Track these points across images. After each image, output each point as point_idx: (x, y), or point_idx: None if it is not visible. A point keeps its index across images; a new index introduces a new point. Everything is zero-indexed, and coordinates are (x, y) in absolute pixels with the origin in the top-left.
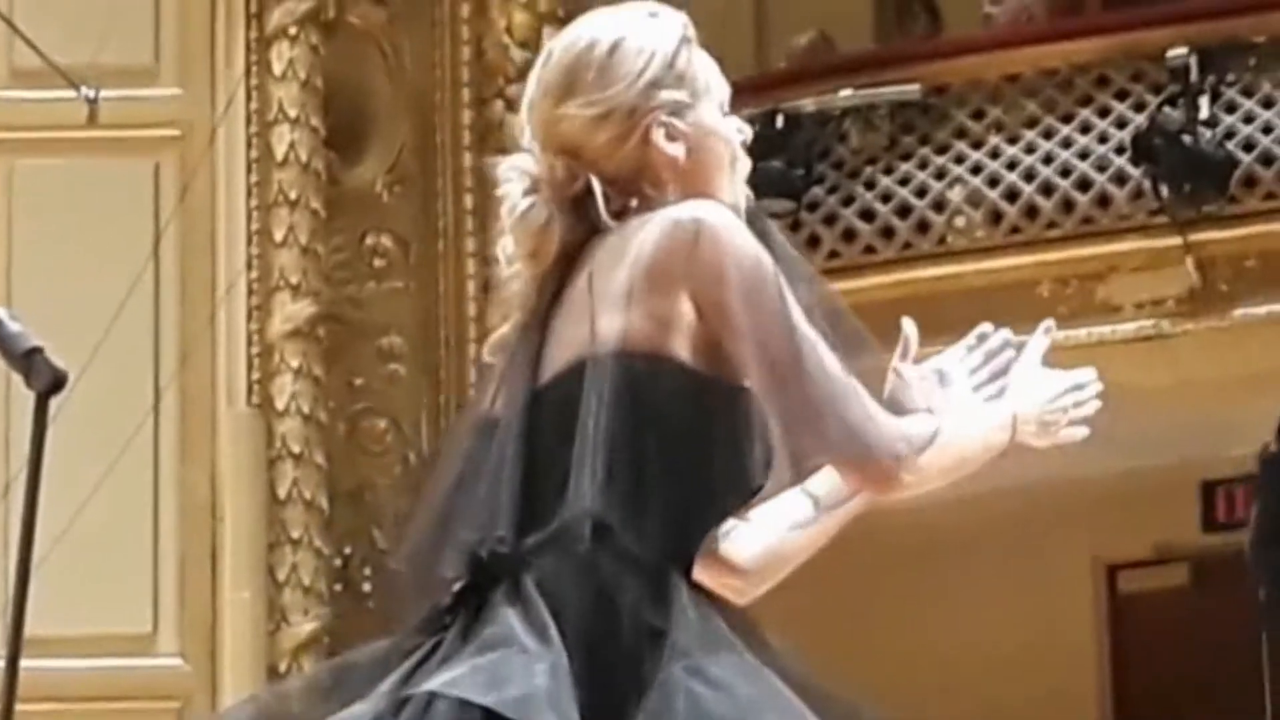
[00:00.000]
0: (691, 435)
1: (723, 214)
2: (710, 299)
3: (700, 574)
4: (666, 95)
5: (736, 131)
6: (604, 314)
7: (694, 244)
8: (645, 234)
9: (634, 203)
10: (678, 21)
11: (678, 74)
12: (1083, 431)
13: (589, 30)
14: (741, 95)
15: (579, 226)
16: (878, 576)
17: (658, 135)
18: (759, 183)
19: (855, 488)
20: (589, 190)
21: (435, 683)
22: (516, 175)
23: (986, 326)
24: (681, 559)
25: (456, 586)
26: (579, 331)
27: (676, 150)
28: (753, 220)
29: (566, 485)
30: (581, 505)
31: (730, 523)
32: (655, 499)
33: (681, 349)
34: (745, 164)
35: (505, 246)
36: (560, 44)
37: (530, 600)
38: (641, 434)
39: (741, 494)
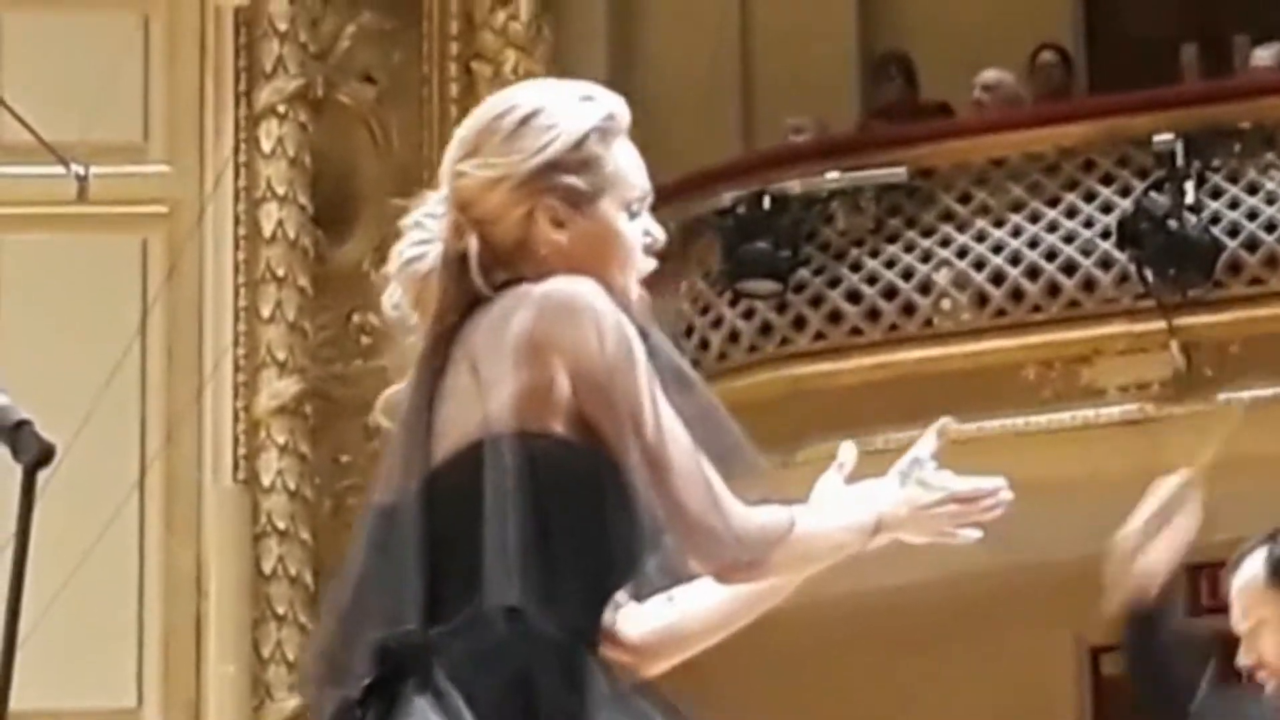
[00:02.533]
0: (589, 510)
1: (594, 291)
2: (580, 374)
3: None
4: (563, 179)
5: (643, 233)
6: (492, 392)
7: (566, 319)
8: (522, 309)
9: (514, 276)
10: (605, 108)
11: (581, 160)
12: (974, 534)
13: (514, 96)
14: (729, 176)
15: (462, 286)
16: (859, 658)
17: (542, 217)
18: (745, 263)
19: (703, 572)
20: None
21: None
22: (415, 225)
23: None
24: (591, 635)
25: (368, 680)
26: (468, 411)
27: (559, 236)
28: (641, 326)
29: (473, 571)
30: (499, 592)
31: (624, 598)
32: (566, 578)
33: (563, 424)
34: (644, 265)
35: (391, 294)
36: (485, 104)
37: (442, 691)
38: (546, 513)
39: (636, 565)
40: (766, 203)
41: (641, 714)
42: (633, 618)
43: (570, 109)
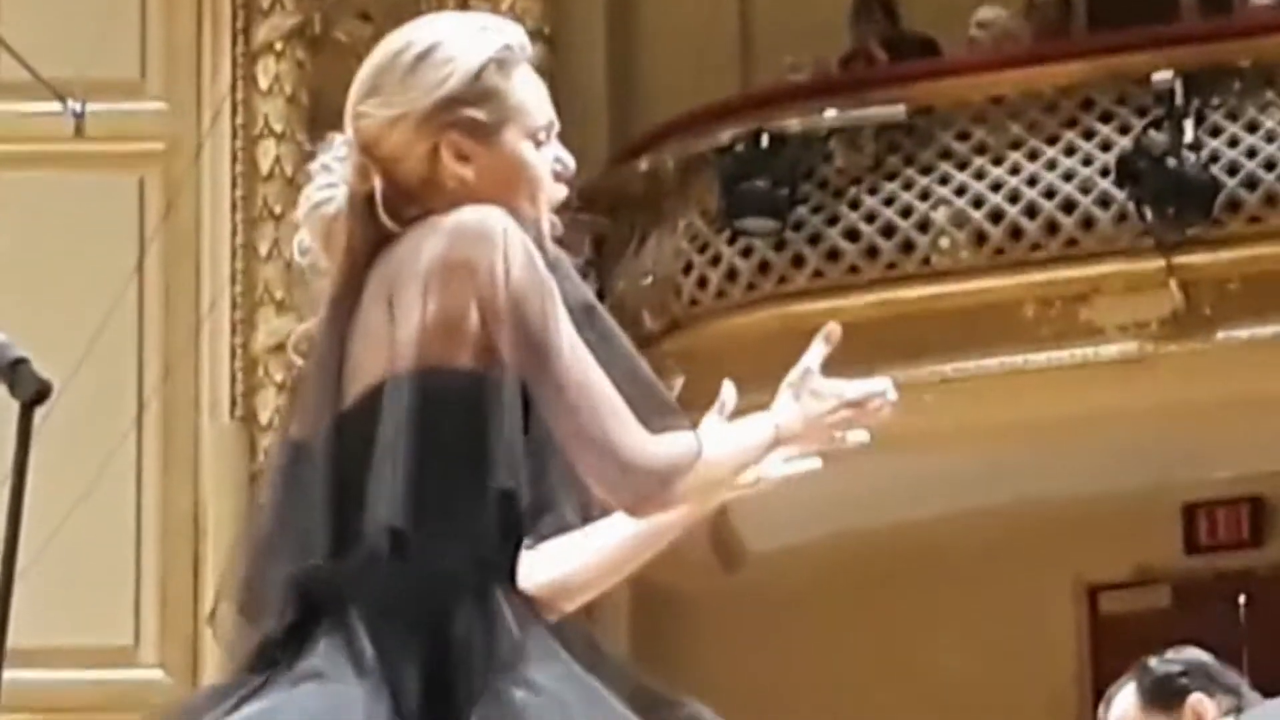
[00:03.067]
0: (491, 443)
1: (503, 219)
2: (488, 300)
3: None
4: (464, 112)
5: (553, 161)
6: (401, 328)
7: (473, 247)
8: (431, 240)
9: (423, 211)
10: (503, 39)
11: (480, 92)
12: (863, 436)
13: (410, 34)
14: (727, 114)
15: (370, 226)
16: (855, 599)
17: (446, 152)
18: (743, 202)
19: (609, 505)
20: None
21: (236, 717)
22: (322, 169)
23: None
24: (502, 569)
25: (284, 620)
26: (379, 350)
27: (464, 170)
28: (550, 256)
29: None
30: (379, 522)
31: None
32: (464, 511)
33: (471, 353)
34: (552, 192)
35: (301, 238)
36: (382, 43)
37: (351, 629)
38: (444, 446)
39: (542, 499)
40: (765, 141)
41: (546, 647)
42: (524, 568)
43: (467, 42)
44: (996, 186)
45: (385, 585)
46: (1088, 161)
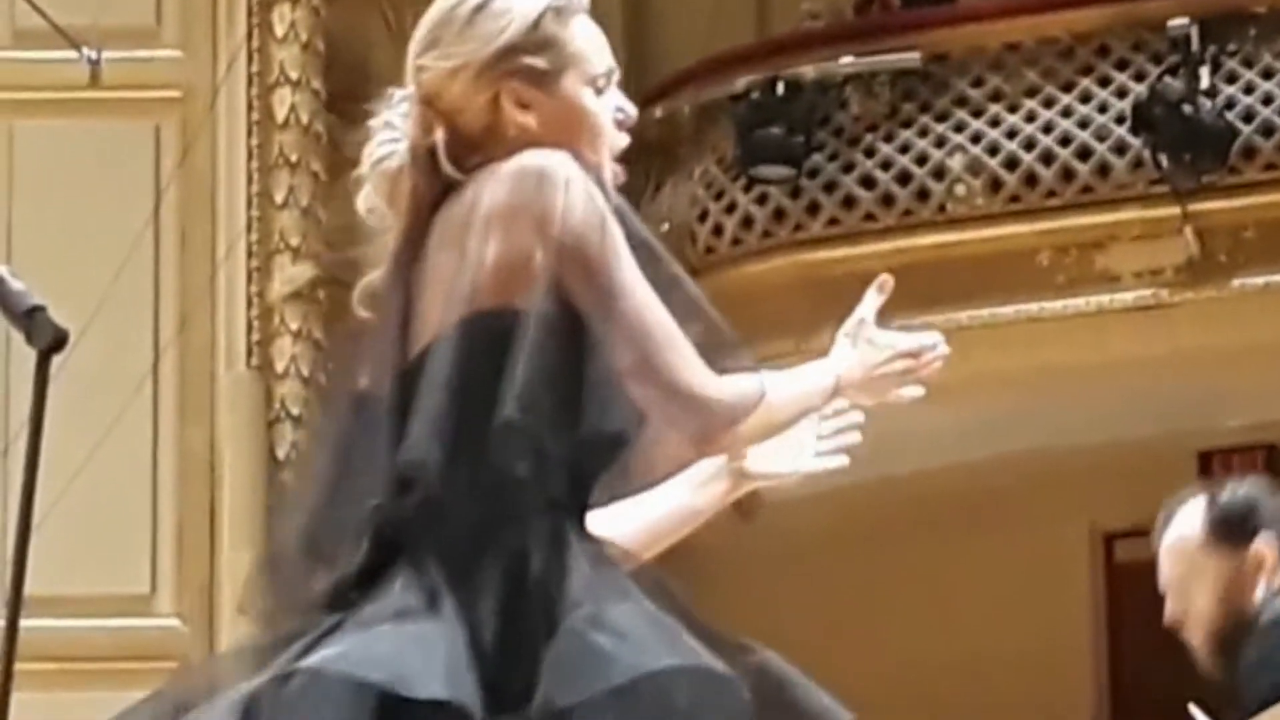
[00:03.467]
0: (557, 380)
1: (565, 162)
2: (553, 240)
3: None
4: (523, 61)
5: (614, 110)
6: (461, 279)
7: (536, 189)
8: (493, 186)
9: (485, 160)
10: None
11: (539, 40)
12: (917, 390)
13: None
14: (743, 62)
15: (433, 178)
16: (870, 547)
17: (507, 101)
18: (759, 149)
19: (674, 445)
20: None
21: (313, 658)
22: (384, 125)
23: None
24: (569, 508)
25: (357, 561)
26: (441, 301)
27: (525, 118)
28: (612, 200)
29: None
30: (414, 458)
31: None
32: (542, 448)
33: (531, 297)
34: (615, 140)
35: (365, 196)
36: None
37: (424, 568)
38: (485, 387)
39: (611, 439)
40: (780, 88)
41: (619, 586)
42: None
43: None
44: (1012, 134)
45: (456, 524)
46: (1103, 108)
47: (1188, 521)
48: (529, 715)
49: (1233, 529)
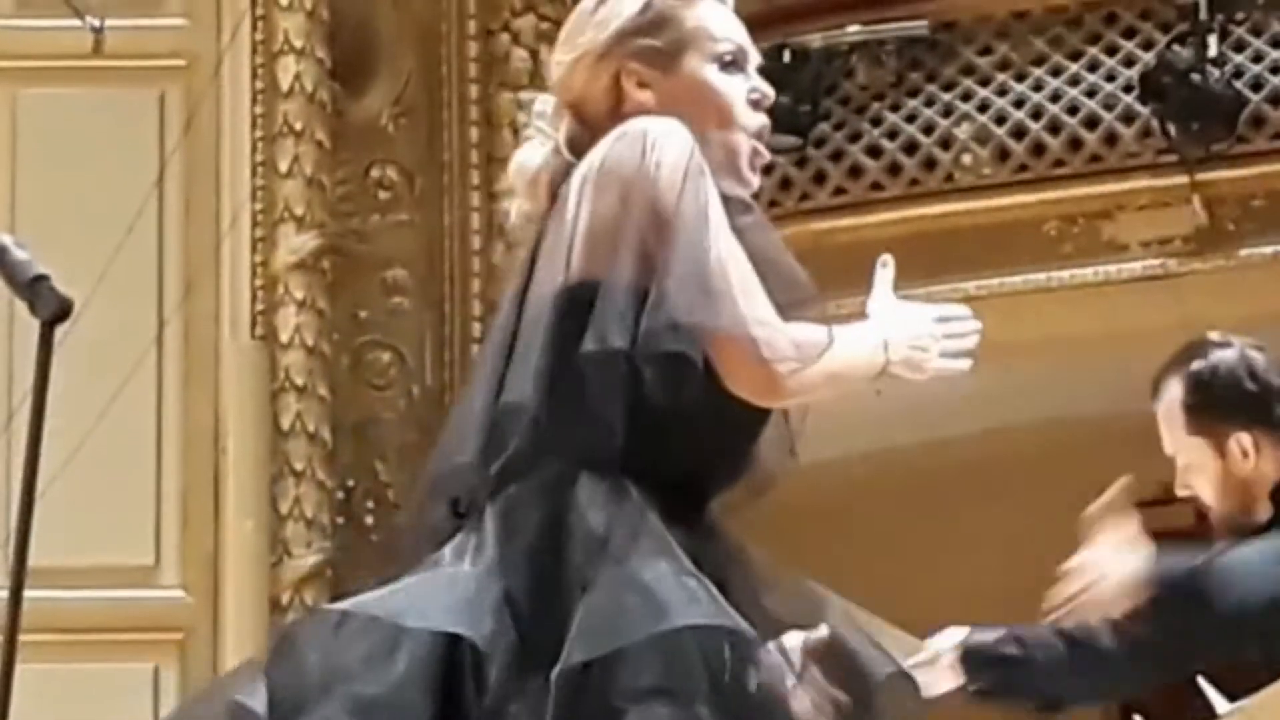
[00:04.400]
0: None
1: (662, 124)
2: (642, 203)
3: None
4: (639, 42)
5: (747, 88)
6: (558, 249)
7: (628, 149)
8: (594, 153)
9: None
10: None
11: (654, 20)
12: (965, 363)
13: None
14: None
15: (566, 167)
16: (886, 513)
17: (627, 81)
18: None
19: (736, 388)
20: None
21: (347, 601)
22: (533, 130)
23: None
24: (639, 469)
25: (433, 517)
26: (549, 270)
27: (644, 96)
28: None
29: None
30: (511, 406)
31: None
32: (602, 412)
33: (626, 255)
34: (747, 119)
35: (516, 205)
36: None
37: (483, 521)
38: (567, 353)
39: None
40: (786, 57)
41: (661, 548)
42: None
43: None
44: (1019, 103)
45: (517, 480)
46: (1111, 77)
47: (1171, 392)
48: (553, 672)
49: (1203, 419)
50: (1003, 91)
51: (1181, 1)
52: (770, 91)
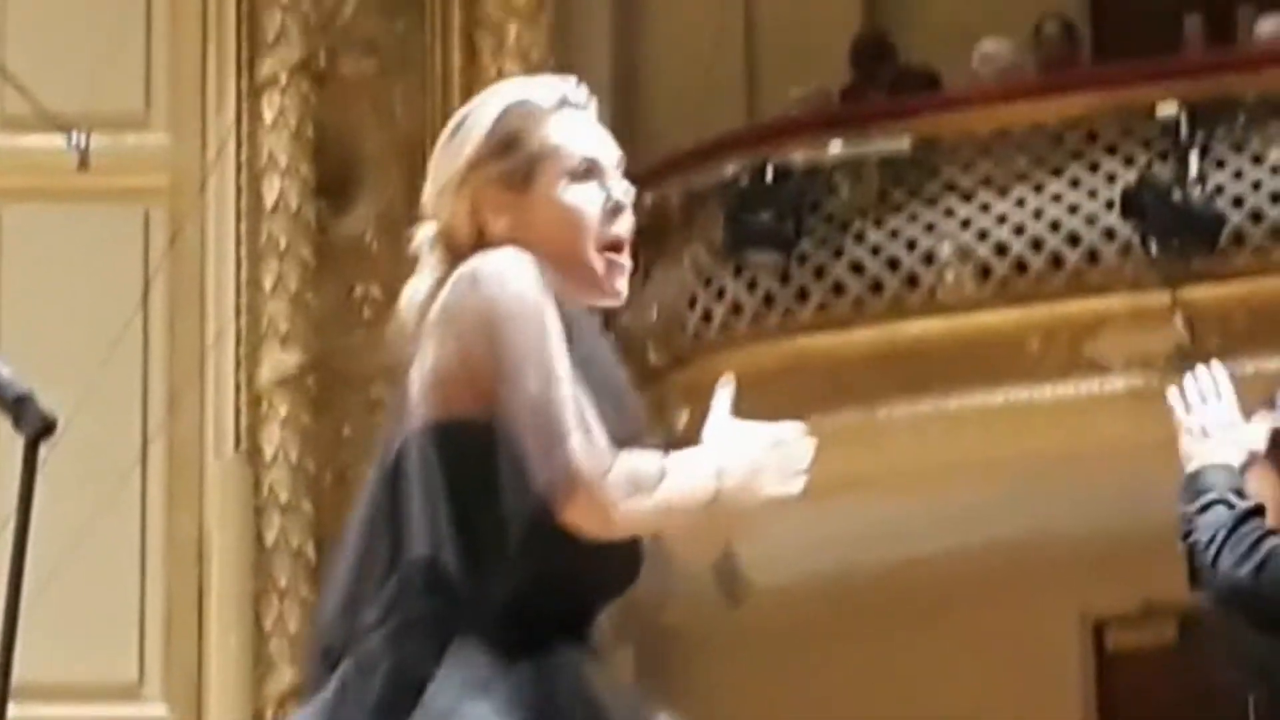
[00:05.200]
0: (485, 488)
1: (493, 262)
2: (479, 342)
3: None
4: (491, 168)
5: (602, 198)
6: (410, 394)
7: (467, 293)
8: (441, 294)
9: None
10: (531, 91)
11: (502, 143)
12: (798, 485)
13: (457, 114)
14: (732, 148)
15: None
16: (861, 632)
17: (485, 209)
18: (748, 235)
19: (568, 520)
20: None
21: None
22: (421, 264)
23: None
24: (493, 616)
25: (311, 665)
26: (406, 424)
27: (501, 223)
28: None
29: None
30: (418, 544)
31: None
32: (462, 554)
33: (471, 397)
34: (605, 229)
35: (397, 332)
36: None
37: (335, 678)
38: (434, 497)
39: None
40: (770, 174)
41: (485, 689)
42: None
43: (492, 103)
44: (1001, 220)
45: (371, 634)
46: (1093, 195)
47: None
48: None
49: None
50: (984, 209)
51: (1163, 120)
52: (622, 195)
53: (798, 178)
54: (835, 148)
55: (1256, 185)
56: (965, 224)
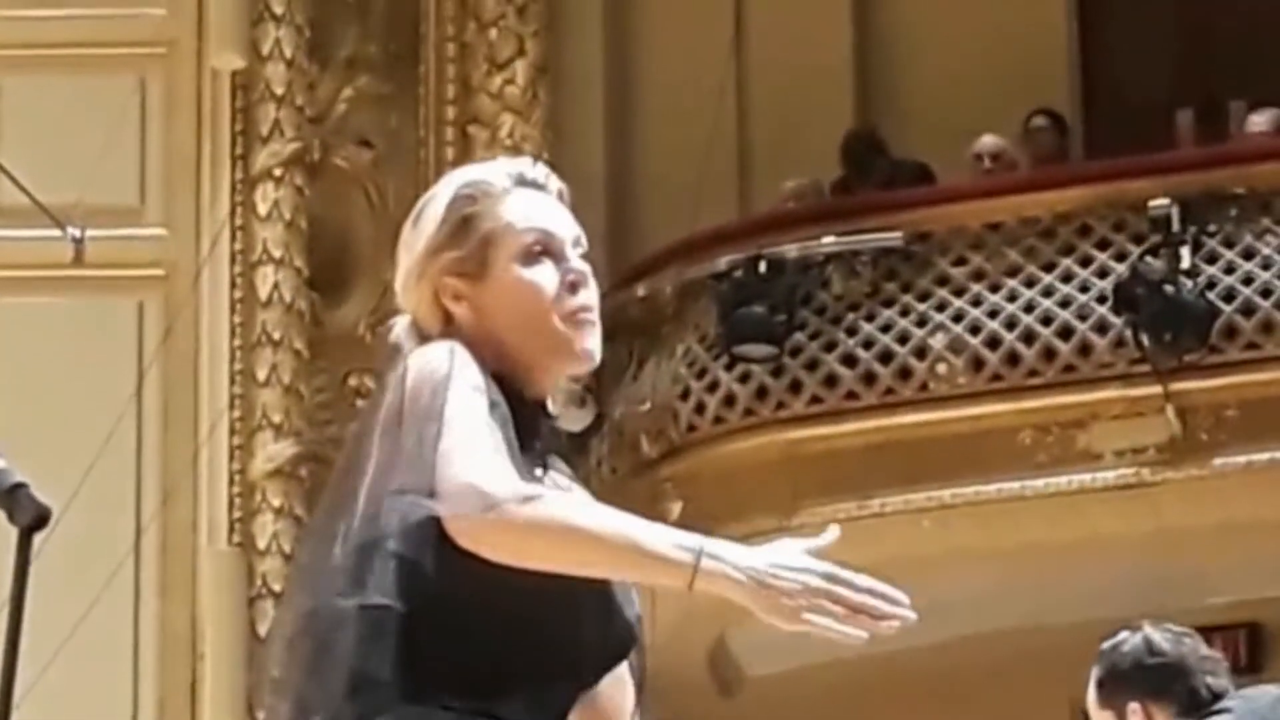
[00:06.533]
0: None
1: (430, 353)
2: (402, 443)
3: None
4: (445, 256)
5: (553, 273)
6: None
7: (395, 391)
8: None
9: None
10: (481, 173)
11: (456, 230)
12: (861, 634)
13: (420, 200)
14: (725, 241)
15: None
16: None
17: (444, 297)
18: (741, 327)
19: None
20: None
21: None
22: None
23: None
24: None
25: None
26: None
27: (461, 310)
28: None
29: None
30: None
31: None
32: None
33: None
34: (561, 304)
35: None
36: None
37: None
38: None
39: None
40: (762, 267)
41: None
42: None
43: (448, 189)
44: (994, 313)
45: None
46: (1085, 288)
47: (1090, 687)
48: None
49: (1109, 694)
50: (977, 302)
51: (1154, 214)
52: (579, 268)
53: (791, 271)
54: (828, 240)
55: (1248, 279)
56: (958, 317)
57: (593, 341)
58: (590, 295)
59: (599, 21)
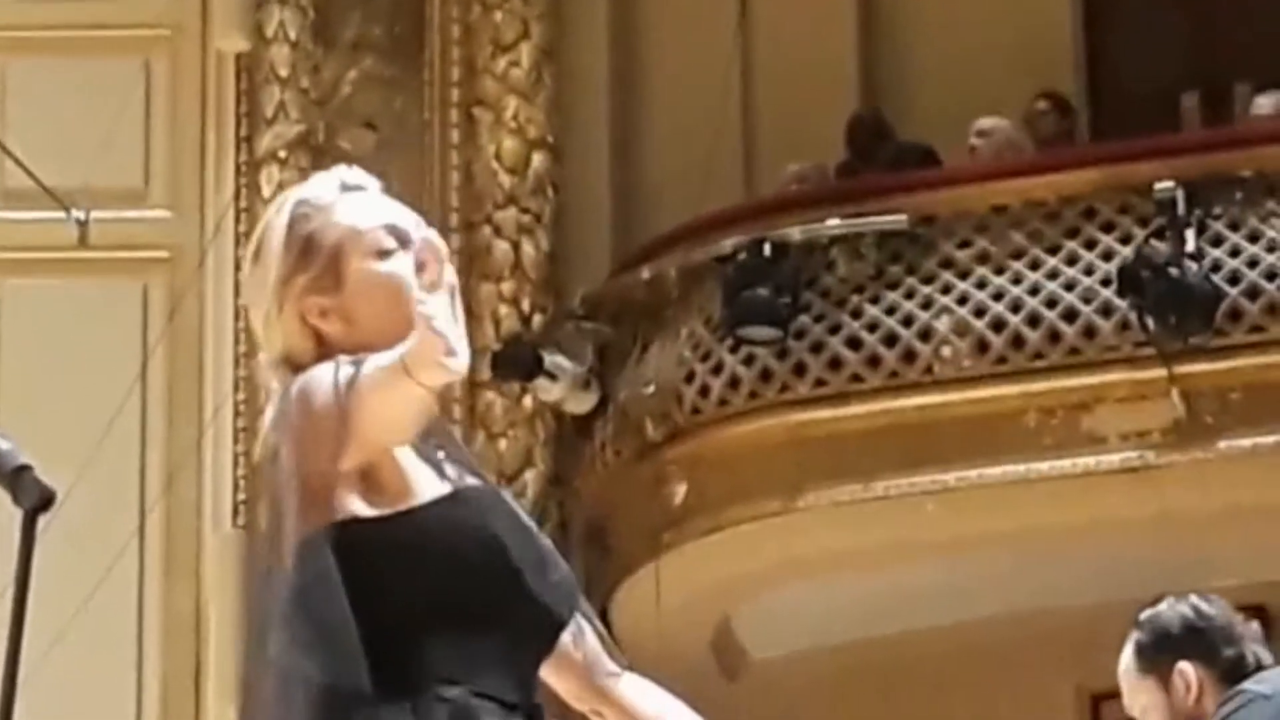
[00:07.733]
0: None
1: (308, 377)
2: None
3: None
4: (299, 279)
5: (407, 260)
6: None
7: (275, 423)
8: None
9: None
10: (308, 190)
11: (303, 251)
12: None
13: (252, 239)
14: (729, 223)
15: None
16: (860, 707)
17: (312, 319)
18: (745, 310)
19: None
20: None
21: None
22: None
23: None
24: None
25: None
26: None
27: (331, 326)
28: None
29: None
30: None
31: None
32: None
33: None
34: (435, 279)
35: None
36: None
37: None
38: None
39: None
40: (767, 249)
41: None
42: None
43: (280, 217)
44: (998, 295)
45: None
46: (1090, 271)
47: (1126, 654)
48: None
49: (1152, 658)
50: (982, 285)
51: (1160, 197)
52: (435, 238)
53: (795, 253)
54: (833, 223)
55: (1253, 262)
56: (963, 300)
57: (456, 338)
58: (448, 273)
59: (604, 3)
